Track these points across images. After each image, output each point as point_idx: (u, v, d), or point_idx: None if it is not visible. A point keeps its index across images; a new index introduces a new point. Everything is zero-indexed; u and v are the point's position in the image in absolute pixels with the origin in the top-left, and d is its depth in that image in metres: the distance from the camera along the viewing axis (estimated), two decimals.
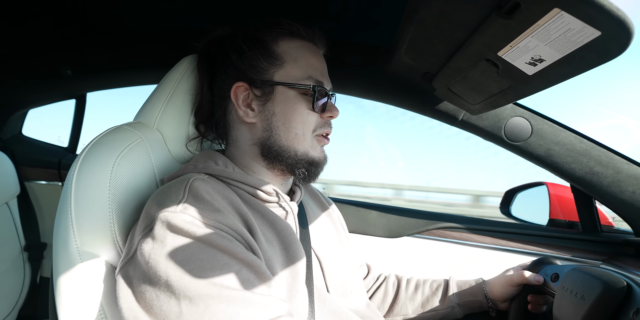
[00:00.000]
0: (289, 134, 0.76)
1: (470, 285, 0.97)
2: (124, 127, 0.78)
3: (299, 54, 0.78)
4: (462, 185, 15.96)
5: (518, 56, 0.60)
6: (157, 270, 0.55)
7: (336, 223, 0.96)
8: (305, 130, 0.77)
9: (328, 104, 0.79)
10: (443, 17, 0.64)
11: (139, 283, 0.57)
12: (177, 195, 0.63)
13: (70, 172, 0.69)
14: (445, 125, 1.21)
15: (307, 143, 0.77)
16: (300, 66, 0.77)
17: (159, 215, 0.60)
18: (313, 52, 0.80)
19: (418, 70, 0.96)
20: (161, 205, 0.61)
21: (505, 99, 0.80)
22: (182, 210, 0.60)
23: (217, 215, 0.61)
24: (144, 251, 0.58)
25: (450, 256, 1.28)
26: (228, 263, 0.56)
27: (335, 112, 0.79)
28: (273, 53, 0.77)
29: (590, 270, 0.71)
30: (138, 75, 1.43)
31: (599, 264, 1.15)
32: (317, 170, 0.79)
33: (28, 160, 1.64)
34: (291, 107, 0.76)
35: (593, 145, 1.09)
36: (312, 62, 0.79)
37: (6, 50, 1.37)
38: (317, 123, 0.78)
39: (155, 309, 0.54)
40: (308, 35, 0.80)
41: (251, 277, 0.57)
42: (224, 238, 0.59)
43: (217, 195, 0.66)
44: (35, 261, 1.61)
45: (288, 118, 0.76)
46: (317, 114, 0.78)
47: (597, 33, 0.46)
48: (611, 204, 1.10)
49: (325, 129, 0.80)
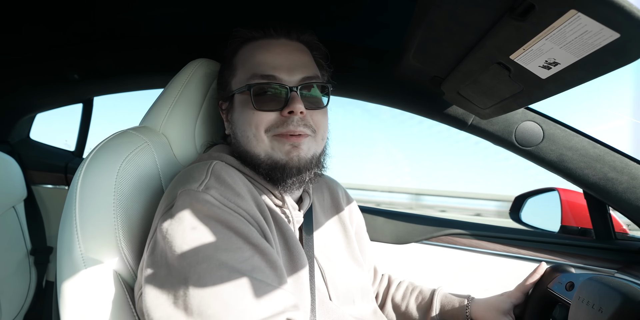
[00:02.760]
0: (244, 138, 0.74)
1: (453, 306, 0.95)
2: (130, 131, 0.77)
3: (247, 56, 0.76)
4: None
5: (531, 59, 0.58)
6: (171, 247, 0.55)
7: (348, 228, 0.93)
8: (256, 131, 0.72)
9: (289, 98, 0.71)
10: (453, 20, 0.62)
11: (154, 260, 0.57)
12: (199, 175, 0.64)
13: (75, 177, 0.69)
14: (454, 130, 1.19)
15: (264, 144, 0.72)
16: (246, 68, 0.75)
17: (180, 192, 0.60)
18: (264, 47, 0.76)
19: (426, 73, 0.95)
20: (183, 184, 0.62)
21: (517, 103, 0.78)
22: (204, 189, 0.60)
23: (237, 199, 0.62)
24: (162, 227, 0.58)
25: (459, 263, 1.25)
26: (242, 247, 0.57)
27: (294, 106, 0.70)
28: (231, 65, 0.78)
29: (607, 281, 0.69)
30: (144, 80, 1.43)
31: (613, 272, 1.12)
32: (285, 174, 0.71)
33: (35, 164, 1.65)
34: (241, 111, 0.74)
35: (607, 150, 1.07)
36: (260, 58, 0.74)
37: (14, 55, 1.38)
38: (270, 122, 0.71)
39: (164, 285, 0.54)
40: (260, 33, 0.77)
41: (262, 264, 0.57)
42: (241, 222, 0.59)
43: (238, 180, 0.66)
44: (41, 265, 1.61)
45: (240, 122, 0.75)
46: (267, 112, 0.71)
47: (616, 35, 0.44)
48: (626, 210, 1.07)
49: (281, 128, 0.71)
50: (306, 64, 0.77)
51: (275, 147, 0.72)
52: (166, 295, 0.53)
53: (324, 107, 0.77)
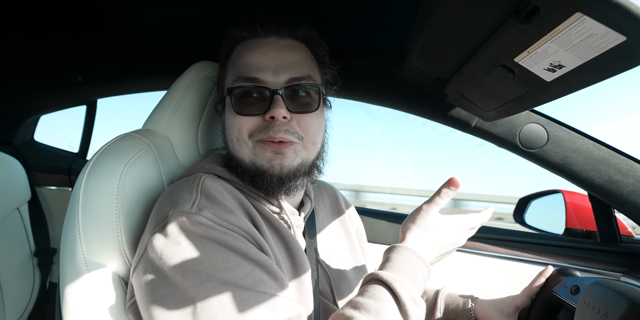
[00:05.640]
0: (230, 142, 0.73)
1: (457, 306, 0.94)
2: (132, 134, 0.77)
3: (236, 57, 0.74)
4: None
5: (536, 62, 0.58)
6: (170, 268, 0.55)
7: (350, 232, 0.93)
8: (239, 136, 0.70)
9: (272, 102, 0.67)
10: (457, 22, 0.62)
11: (152, 279, 0.57)
12: (190, 194, 0.63)
13: (78, 180, 0.69)
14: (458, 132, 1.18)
15: (247, 149, 0.70)
16: (234, 70, 0.73)
17: (173, 213, 0.60)
18: (250, 47, 0.73)
19: (430, 75, 0.94)
20: (175, 204, 0.61)
21: (522, 105, 0.78)
22: (197, 211, 0.60)
23: (229, 217, 0.62)
24: (155, 247, 0.57)
25: (462, 266, 1.25)
26: (241, 264, 0.57)
27: (274, 111, 0.66)
28: (224, 67, 0.78)
29: (613, 285, 0.68)
30: (147, 82, 1.43)
31: (619, 276, 1.11)
32: (268, 182, 0.68)
33: (39, 166, 1.66)
34: (227, 115, 0.74)
35: (612, 152, 1.06)
36: (245, 59, 0.71)
37: (18, 57, 1.39)
38: (253, 127, 0.69)
39: (170, 305, 0.53)
40: (249, 33, 0.74)
41: (264, 277, 0.57)
42: (237, 239, 0.59)
43: (227, 194, 0.66)
44: (44, 267, 1.61)
45: (226, 125, 0.74)
46: (249, 117, 0.69)
47: (622, 38, 0.44)
48: (632, 213, 1.06)
49: (263, 134, 0.68)
50: (296, 64, 0.71)
51: (258, 153, 0.69)
52: (176, 316, 0.53)
53: (314, 110, 0.72)
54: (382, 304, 0.57)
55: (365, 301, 0.58)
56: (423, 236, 0.69)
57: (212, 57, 0.91)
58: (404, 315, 0.57)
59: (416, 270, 0.64)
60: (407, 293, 0.59)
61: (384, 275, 0.61)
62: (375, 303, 0.57)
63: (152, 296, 0.55)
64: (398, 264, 0.63)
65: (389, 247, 0.67)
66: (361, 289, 0.62)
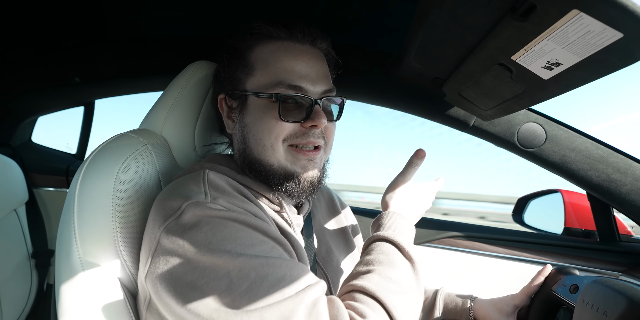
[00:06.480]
0: (258, 146, 0.72)
1: (456, 306, 0.94)
2: (129, 134, 0.77)
3: (271, 58, 0.72)
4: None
5: (533, 60, 0.58)
6: (196, 252, 0.56)
7: (346, 232, 0.93)
8: (274, 141, 0.70)
9: (313, 111, 0.70)
10: (454, 21, 0.62)
11: (175, 269, 0.56)
12: (198, 187, 0.64)
13: (74, 180, 0.68)
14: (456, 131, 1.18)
15: (279, 155, 0.71)
16: (270, 72, 0.71)
17: (187, 204, 0.60)
18: (290, 52, 0.72)
19: (428, 75, 0.94)
20: (187, 197, 0.61)
21: (519, 104, 0.78)
22: (213, 200, 0.62)
23: (242, 204, 0.64)
24: (174, 237, 0.58)
25: (461, 266, 1.24)
26: (264, 240, 0.60)
27: (318, 121, 0.69)
28: (246, 62, 0.74)
29: (612, 284, 0.68)
30: (146, 83, 1.43)
31: (618, 275, 1.10)
32: (299, 187, 0.72)
33: (37, 167, 1.65)
34: (259, 117, 0.71)
35: (610, 151, 1.06)
36: (286, 64, 0.71)
37: (16, 58, 1.39)
38: (290, 132, 0.70)
39: (203, 285, 0.54)
40: (286, 34, 0.73)
41: (284, 254, 0.61)
42: (256, 219, 0.62)
43: (231, 188, 0.67)
44: (42, 268, 1.60)
45: (256, 129, 0.72)
46: (290, 123, 0.70)
47: (619, 35, 0.43)
48: (630, 212, 1.06)
49: (301, 139, 0.70)
50: (327, 76, 0.75)
51: (290, 160, 0.72)
52: (213, 292, 0.53)
53: (337, 119, 0.79)
54: (391, 256, 0.65)
55: (375, 257, 0.65)
56: (404, 202, 0.78)
57: (208, 57, 0.90)
58: (410, 262, 0.65)
59: (406, 229, 0.72)
60: (409, 244, 0.68)
61: (384, 234, 0.68)
62: (384, 257, 0.64)
63: (179, 284, 0.55)
64: (392, 225, 0.71)
65: (379, 215, 0.75)
66: (365, 251, 0.68)
